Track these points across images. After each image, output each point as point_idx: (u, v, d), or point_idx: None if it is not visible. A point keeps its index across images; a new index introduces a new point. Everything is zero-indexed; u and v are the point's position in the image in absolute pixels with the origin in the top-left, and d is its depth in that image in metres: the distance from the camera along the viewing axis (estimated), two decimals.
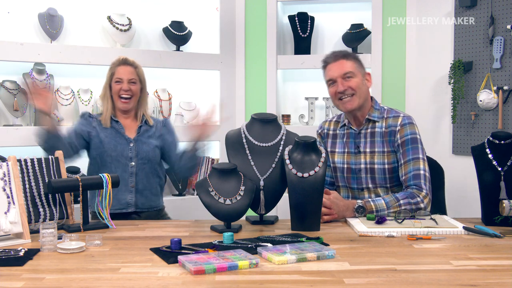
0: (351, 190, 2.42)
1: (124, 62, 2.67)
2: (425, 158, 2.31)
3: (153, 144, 2.66)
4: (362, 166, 2.36)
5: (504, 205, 2.04)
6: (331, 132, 2.50)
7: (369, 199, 2.24)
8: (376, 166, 2.34)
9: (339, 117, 2.51)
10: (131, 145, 2.62)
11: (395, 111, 2.40)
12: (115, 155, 2.60)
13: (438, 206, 2.50)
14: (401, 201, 2.20)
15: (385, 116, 2.37)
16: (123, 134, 2.64)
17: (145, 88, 2.73)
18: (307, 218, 2.07)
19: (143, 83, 2.70)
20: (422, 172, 2.26)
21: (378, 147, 2.34)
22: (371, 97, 2.44)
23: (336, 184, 2.49)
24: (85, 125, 2.65)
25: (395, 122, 2.34)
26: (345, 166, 2.41)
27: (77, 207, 2.13)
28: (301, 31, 3.98)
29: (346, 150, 2.42)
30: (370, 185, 2.36)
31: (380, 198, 2.24)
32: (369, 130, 2.37)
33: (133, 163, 2.60)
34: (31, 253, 1.72)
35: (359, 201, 2.23)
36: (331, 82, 2.38)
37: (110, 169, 2.58)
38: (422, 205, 2.20)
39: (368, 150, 2.36)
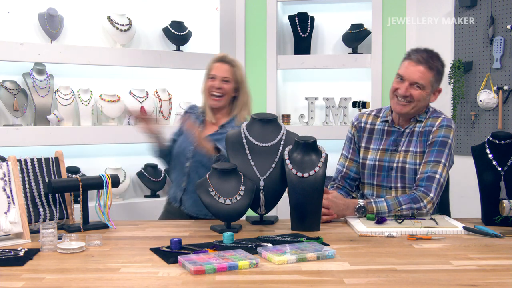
0: (378, 188, 2.37)
1: (221, 59, 2.58)
2: (447, 165, 2.26)
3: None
4: (395, 164, 2.31)
5: (504, 205, 2.04)
6: (368, 126, 2.42)
7: (371, 200, 2.23)
8: (407, 165, 2.29)
9: (379, 111, 2.44)
10: (194, 145, 2.50)
11: (438, 112, 2.35)
12: (176, 153, 2.56)
13: (442, 207, 2.50)
14: (404, 206, 2.17)
15: (427, 117, 2.32)
16: None
17: (244, 89, 2.59)
18: (307, 218, 2.07)
19: (239, 83, 2.57)
20: (437, 176, 2.21)
21: (413, 147, 2.30)
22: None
23: (361, 181, 2.44)
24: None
25: (434, 122, 2.29)
26: (377, 163, 2.35)
27: (77, 207, 2.13)
28: (301, 31, 3.98)
29: (381, 147, 2.36)
30: (399, 184, 2.31)
31: (383, 200, 2.22)
32: (411, 130, 2.32)
33: (188, 164, 2.52)
34: (31, 253, 1.72)
35: (360, 201, 2.22)
36: (399, 77, 2.29)
37: (173, 164, 2.61)
38: (424, 211, 2.18)
39: (404, 148, 2.31)
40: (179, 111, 3.82)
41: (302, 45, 4.01)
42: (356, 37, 3.92)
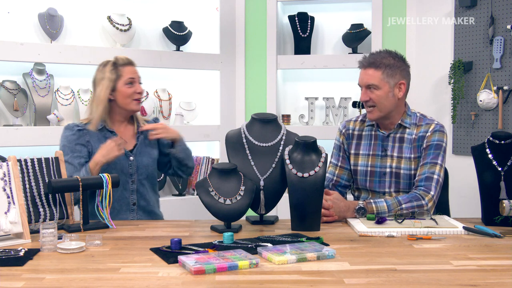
0: (372, 193, 2.39)
1: (130, 62, 2.44)
2: (444, 166, 2.30)
3: (153, 155, 2.48)
4: (388, 170, 2.33)
5: (504, 205, 2.03)
6: (356, 133, 2.44)
7: (371, 200, 2.23)
8: (402, 171, 2.31)
9: (365, 116, 2.45)
10: (131, 159, 2.41)
11: (428, 118, 2.38)
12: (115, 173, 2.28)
13: (442, 207, 2.50)
14: (403, 205, 2.18)
15: (417, 123, 2.35)
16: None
17: None
18: (307, 218, 2.07)
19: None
20: (436, 176, 2.25)
21: (406, 153, 2.32)
22: (405, 103, 2.38)
23: (355, 187, 2.45)
24: (80, 141, 2.37)
25: (427, 128, 2.32)
26: (369, 169, 2.37)
27: (77, 207, 2.13)
28: (301, 31, 3.98)
29: (371, 152, 2.38)
30: (393, 189, 2.33)
31: (382, 200, 2.22)
32: (398, 135, 2.35)
33: (133, 179, 2.42)
34: (31, 253, 1.72)
35: (360, 202, 2.22)
36: (360, 87, 2.36)
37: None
38: (425, 208, 2.19)
39: (395, 154, 2.33)
40: (179, 111, 3.82)
41: (302, 45, 4.01)
42: (356, 37, 3.92)
